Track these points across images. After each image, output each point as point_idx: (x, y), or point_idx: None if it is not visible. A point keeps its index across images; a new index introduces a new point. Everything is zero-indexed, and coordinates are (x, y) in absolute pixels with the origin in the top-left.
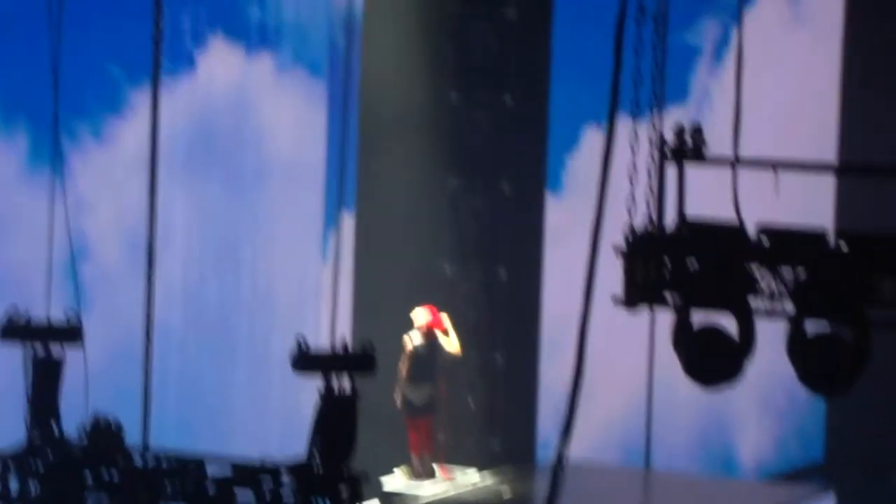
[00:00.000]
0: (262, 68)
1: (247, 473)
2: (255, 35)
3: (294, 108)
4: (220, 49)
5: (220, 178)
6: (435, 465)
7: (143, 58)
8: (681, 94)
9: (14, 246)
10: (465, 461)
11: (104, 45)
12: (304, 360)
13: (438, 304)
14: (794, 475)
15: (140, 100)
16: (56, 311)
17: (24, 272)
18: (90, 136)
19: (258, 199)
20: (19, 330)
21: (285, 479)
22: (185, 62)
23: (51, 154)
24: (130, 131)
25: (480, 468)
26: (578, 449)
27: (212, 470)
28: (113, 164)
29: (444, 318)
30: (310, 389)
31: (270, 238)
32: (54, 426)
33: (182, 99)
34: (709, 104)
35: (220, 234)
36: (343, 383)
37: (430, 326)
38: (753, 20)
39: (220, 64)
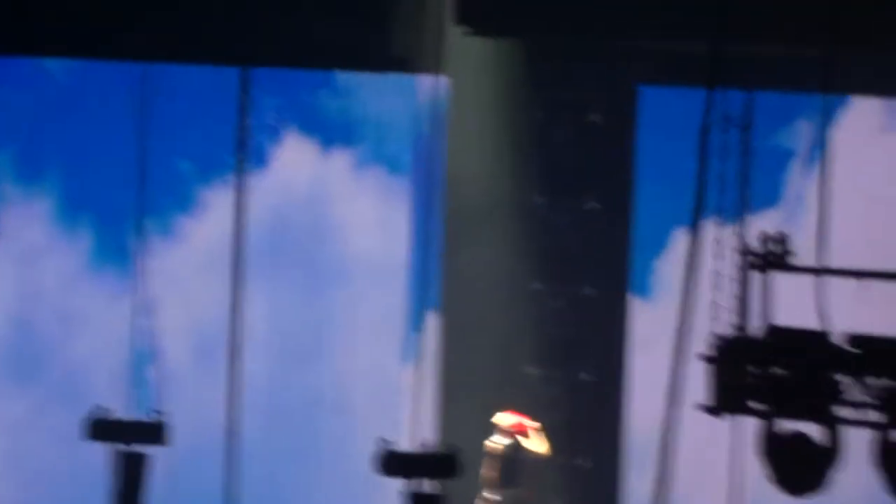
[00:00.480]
0: (339, 164)
1: None
2: (331, 130)
3: (373, 205)
4: (296, 145)
5: (297, 276)
6: None
7: (214, 154)
8: (773, 197)
9: (81, 344)
10: None
11: (174, 140)
12: (389, 462)
13: (521, 406)
14: None
15: (210, 198)
16: (125, 411)
17: (91, 371)
18: (160, 234)
19: (338, 298)
20: (106, 428)
21: None
22: (259, 158)
23: (130, 249)
24: (201, 229)
25: None
26: None
27: None
28: (183, 262)
29: (530, 421)
30: (391, 492)
31: (352, 338)
32: None
33: (256, 195)
34: (802, 208)
35: (299, 334)
36: (427, 486)
37: (515, 430)
38: (845, 125)
39: (296, 160)
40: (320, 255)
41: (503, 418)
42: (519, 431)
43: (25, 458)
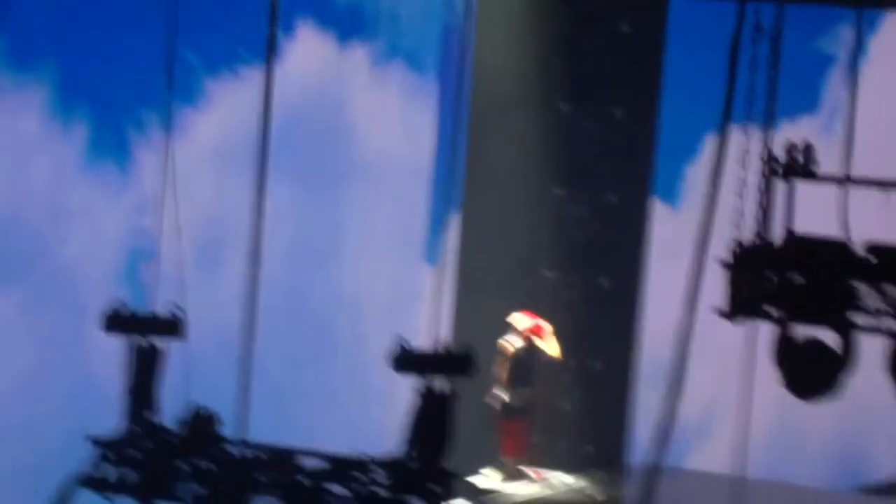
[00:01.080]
0: (358, 59)
1: (340, 467)
2: (347, 24)
3: (395, 104)
4: (310, 38)
5: (314, 175)
6: (527, 468)
7: (220, 45)
8: (812, 103)
9: (77, 240)
10: (558, 465)
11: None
12: (405, 360)
13: (538, 309)
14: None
15: (217, 91)
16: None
17: (85, 270)
18: (162, 127)
19: (357, 198)
20: (124, 321)
21: (379, 474)
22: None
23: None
24: (207, 123)
25: (573, 472)
26: (672, 454)
27: (306, 463)
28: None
29: (544, 323)
30: (406, 389)
31: (373, 237)
32: (153, 416)
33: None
34: (841, 114)
35: (316, 235)
36: (442, 384)
37: (530, 331)
38: (883, 34)
39: (310, 54)
40: (338, 154)
41: (518, 319)
42: (533, 333)
43: (14, 357)
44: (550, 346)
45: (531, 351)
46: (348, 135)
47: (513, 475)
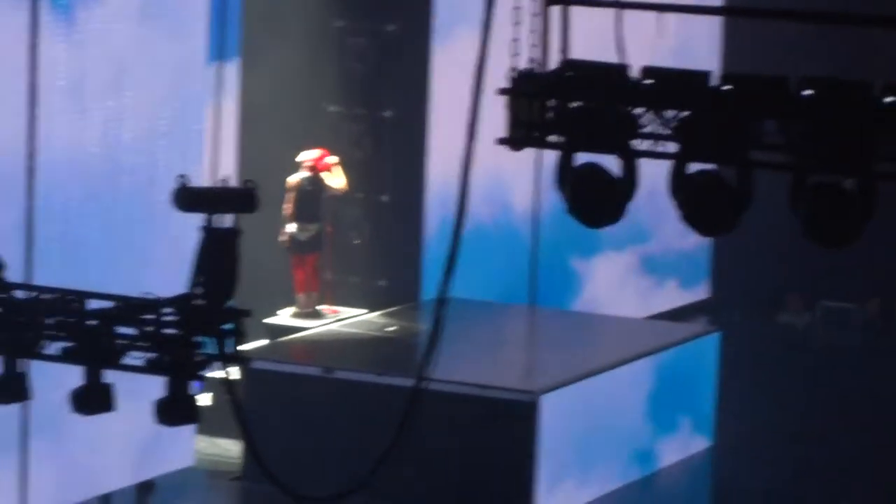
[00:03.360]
0: None
1: (128, 308)
2: None
3: None
4: None
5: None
6: (320, 306)
7: None
8: None
9: None
10: (352, 301)
11: None
12: (186, 197)
13: (324, 145)
14: (680, 312)
15: None
16: None
17: None
18: None
19: (135, 35)
20: None
21: (168, 314)
22: None
23: None
24: None
25: (367, 307)
26: (463, 285)
27: (93, 305)
28: None
29: (331, 158)
30: (194, 228)
31: (154, 78)
32: None
33: None
34: None
35: (101, 71)
36: (224, 220)
37: (314, 164)
38: None
39: None
40: None
41: (303, 154)
42: (318, 166)
43: None
44: (336, 178)
45: (316, 184)
46: None
47: (307, 312)
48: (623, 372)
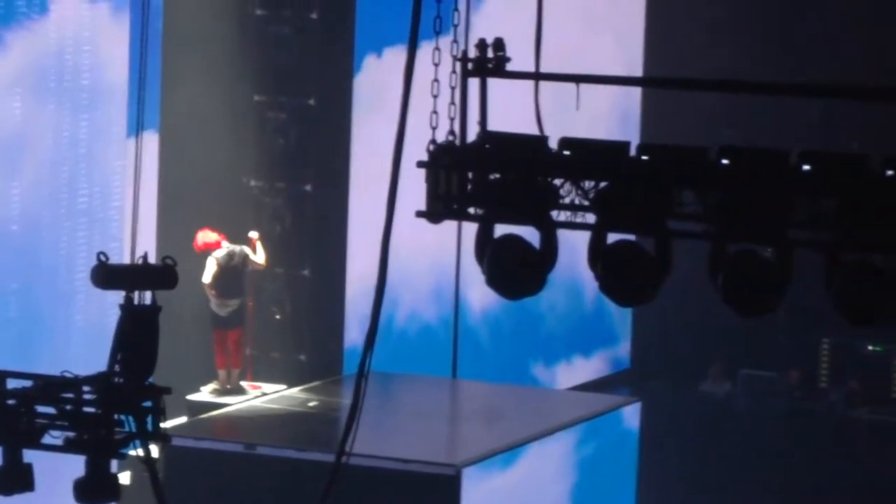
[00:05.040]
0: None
1: (47, 387)
2: None
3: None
4: None
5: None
6: (242, 382)
7: None
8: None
9: None
10: (273, 376)
11: None
12: (105, 275)
13: (244, 219)
14: (602, 383)
15: None
16: None
17: None
18: None
19: (60, 109)
20: None
21: (87, 392)
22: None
23: None
24: None
25: (288, 382)
26: (385, 359)
27: (12, 384)
28: None
29: (252, 233)
30: (114, 306)
31: (72, 153)
32: None
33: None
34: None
35: (18, 152)
36: (144, 298)
37: (206, 247)
38: None
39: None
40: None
41: (202, 236)
42: (211, 248)
43: None
44: (258, 254)
45: (235, 260)
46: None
47: (228, 388)
48: (545, 443)
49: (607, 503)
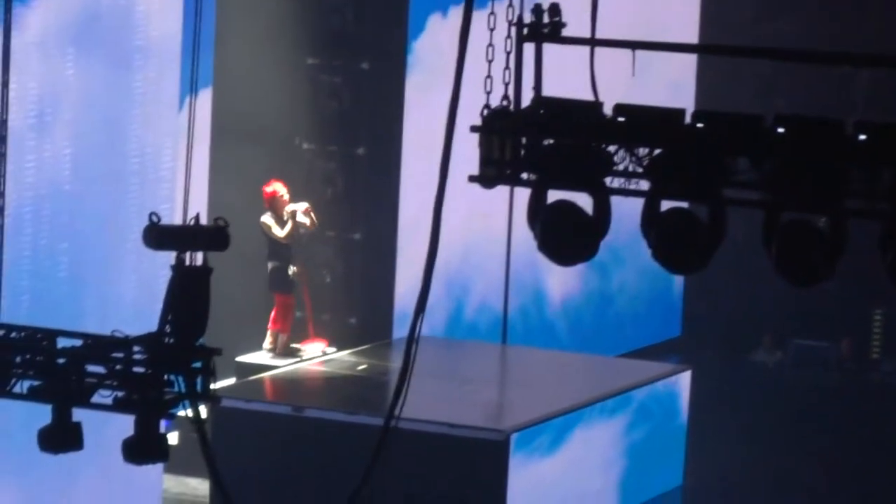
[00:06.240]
0: None
1: (97, 346)
2: None
3: None
4: None
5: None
6: (293, 344)
7: None
8: None
9: None
10: (324, 339)
11: None
12: (157, 235)
13: (297, 182)
14: (652, 350)
15: None
16: None
17: None
18: None
19: (112, 73)
20: None
21: (137, 352)
22: None
23: None
24: None
25: (338, 345)
26: (436, 325)
27: (63, 343)
28: None
29: (301, 204)
30: (165, 267)
31: (124, 114)
32: None
33: None
34: None
35: (71, 109)
36: (195, 258)
37: (268, 196)
38: None
39: None
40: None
41: (269, 187)
42: (272, 197)
43: None
44: (305, 217)
45: (286, 223)
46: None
47: (280, 351)
48: (594, 410)
49: (656, 471)
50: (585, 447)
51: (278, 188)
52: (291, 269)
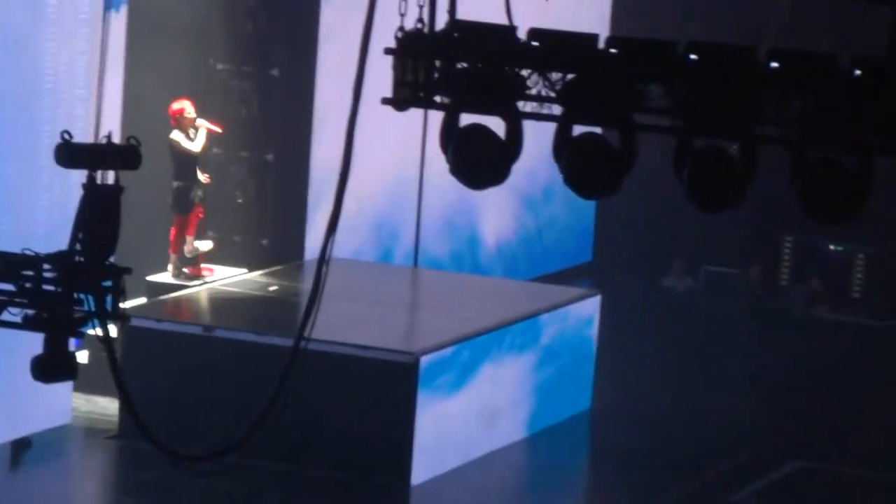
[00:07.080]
0: None
1: (7, 264)
2: None
3: None
4: None
5: None
6: (202, 265)
7: None
8: None
9: None
10: (235, 260)
11: None
12: (69, 153)
13: (210, 102)
14: (564, 275)
15: None
16: None
17: None
18: None
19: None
20: None
21: (47, 270)
22: None
23: None
24: None
25: (249, 267)
26: (347, 246)
27: None
28: None
29: (209, 122)
30: (78, 186)
31: (38, 32)
32: None
33: None
34: None
35: None
36: (106, 177)
37: (174, 113)
38: None
39: None
40: None
41: (175, 104)
42: (179, 115)
43: None
44: (216, 127)
45: (190, 142)
46: None
47: (184, 270)
48: (505, 334)
49: (564, 394)
50: (495, 371)
51: (186, 105)
52: (196, 192)
